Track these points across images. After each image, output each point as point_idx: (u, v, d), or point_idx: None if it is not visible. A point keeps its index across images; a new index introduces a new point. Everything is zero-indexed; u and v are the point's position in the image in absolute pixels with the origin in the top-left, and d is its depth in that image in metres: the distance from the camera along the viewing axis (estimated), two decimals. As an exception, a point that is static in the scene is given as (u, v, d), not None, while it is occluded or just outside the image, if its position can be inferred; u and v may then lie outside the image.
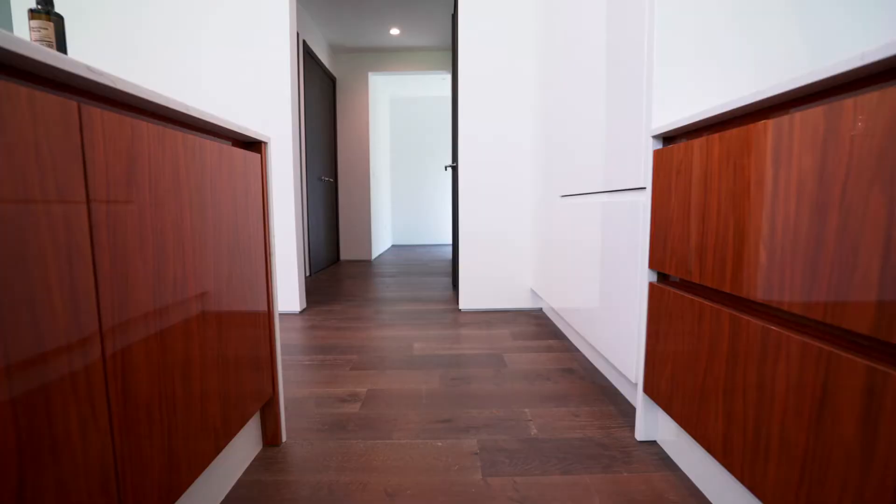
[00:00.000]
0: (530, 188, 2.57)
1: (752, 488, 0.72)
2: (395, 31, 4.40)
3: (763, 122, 0.70)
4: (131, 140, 0.62)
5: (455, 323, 2.33)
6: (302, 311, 2.60)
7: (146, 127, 0.65)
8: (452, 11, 3.29)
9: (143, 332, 0.64)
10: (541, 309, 2.60)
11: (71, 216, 0.51)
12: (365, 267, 4.49)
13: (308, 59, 3.90)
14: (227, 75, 2.39)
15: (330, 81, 4.71)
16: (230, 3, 2.35)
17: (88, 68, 0.54)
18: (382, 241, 5.87)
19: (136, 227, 0.62)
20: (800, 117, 0.62)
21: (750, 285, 0.72)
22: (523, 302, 2.63)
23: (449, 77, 5.56)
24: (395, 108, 6.52)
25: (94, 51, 2.36)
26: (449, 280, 3.66)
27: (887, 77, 0.53)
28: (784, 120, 0.65)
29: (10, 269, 0.44)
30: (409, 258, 5.17)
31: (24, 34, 2.23)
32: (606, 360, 1.55)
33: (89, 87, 0.57)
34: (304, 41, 3.76)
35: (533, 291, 2.62)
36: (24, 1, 2.33)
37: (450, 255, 5.40)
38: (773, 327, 0.68)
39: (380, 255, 5.47)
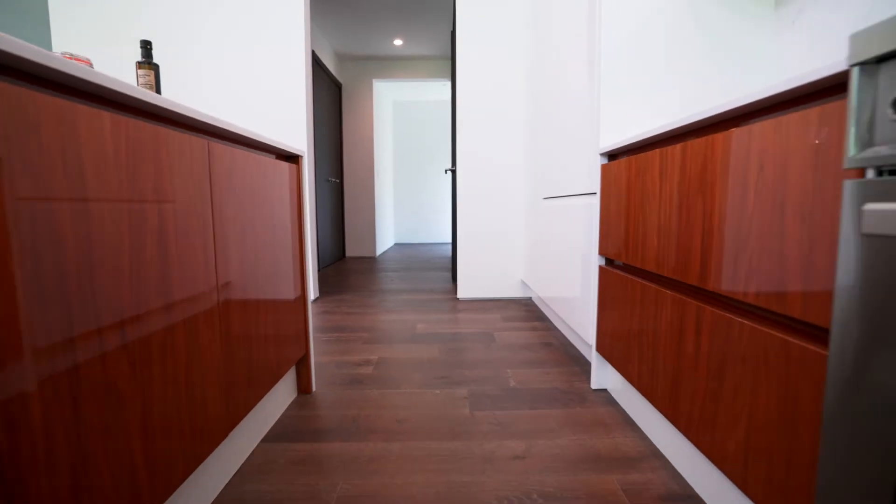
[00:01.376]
0: (522, 191, 2.89)
1: (652, 400, 1.04)
2: (398, 42, 4.72)
3: (656, 150, 1.01)
4: (231, 161, 0.94)
5: (453, 309, 2.65)
6: (315, 300, 2.92)
7: (240, 154, 0.97)
8: (451, 28, 3.61)
9: (239, 292, 0.96)
10: (530, 298, 2.92)
11: (206, 213, 0.83)
12: (370, 263, 4.81)
13: (316, 67, 4.22)
14: (252, 87, 2.70)
15: (336, 88, 5.03)
16: (252, 25, 2.66)
17: (213, 117, 0.86)
18: (386, 239, 6.19)
19: (232, 221, 0.94)
20: (669, 150, 0.94)
21: (647, 261, 1.04)
22: (515, 292, 2.95)
23: (448, 84, 5.88)
24: (397, 112, 6.84)
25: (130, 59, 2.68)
26: (448, 274, 3.98)
27: (699, 132, 0.85)
28: (666, 150, 0.97)
29: (185, 244, 0.76)
30: (411, 255, 5.49)
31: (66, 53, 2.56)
32: (576, 333, 1.86)
33: (207, 128, 0.89)
34: (312, 50, 4.08)
35: (523, 282, 2.94)
36: (63, 35, 2.65)
37: (449, 253, 5.72)
38: (660, 288, 1.00)
39: (383, 253, 5.79)
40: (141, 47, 1.15)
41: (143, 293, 0.65)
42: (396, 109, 6.84)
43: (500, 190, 2.89)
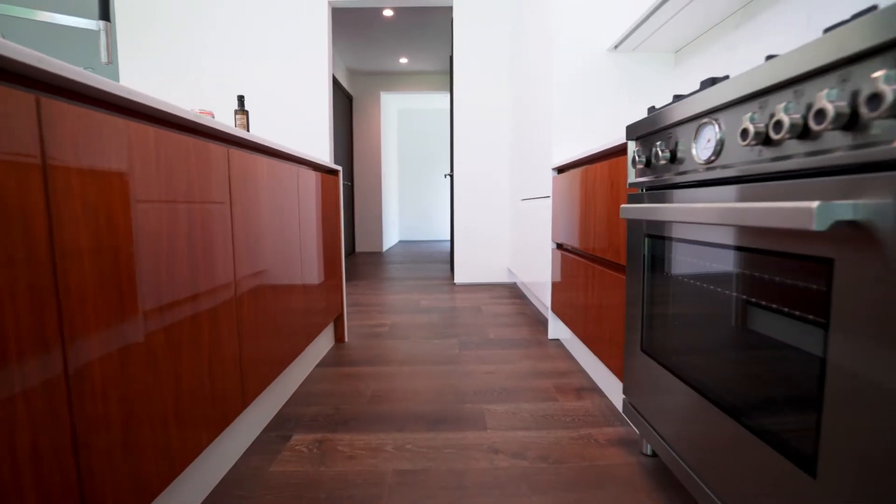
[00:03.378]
0: (507, 194, 3.43)
1: (574, 329, 1.58)
2: (403, 60, 5.27)
3: (579, 168, 1.56)
4: (297, 177, 1.49)
5: (451, 290, 3.19)
6: (336, 285, 3.47)
7: (303, 171, 1.52)
8: (450, 53, 4.15)
9: (298, 271, 1.51)
10: (514, 283, 3.47)
11: (294, 216, 1.38)
12: (377, 257, 5.36)
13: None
14: (287, 111, 3.25)
15: (348, 100, 5.58)
16: (287, 64, 3.21)
17: (273, 143, 1.40)
18: (391, 236, 6.74)
19: (305, 223, 1.50)
20: (582, 170, 1.48)
21: (576, 243, 1.59)
22: (502, 277, 3.50)
23: (447, 95, 6.42)
24: (402, 119, 7.39)
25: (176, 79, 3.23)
26: (447, 266, 4.53)
27: (593, 160, 1.39)
28: (580, 169, 1.51)
29: (209, 239, 1.31)
30: (414, 250, 6.05)
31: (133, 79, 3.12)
32: (541, 302, 2.41)
33: (264, 148, 1.44)
34: (330, 72, 4.63)
35: (509, 269, 3.48)
36: (130, 63, 3.21)
37: (448, 249, 6.26)
38: (580, 259, 1.54)
39: (389, 248, 6.34)
40: (237, 100, 1.70)
41: (233, 271, 1.20)
42: (401, 117, 7.39)
43: (490, 193, 3.43)
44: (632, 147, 1.03)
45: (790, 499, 0.56)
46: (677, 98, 0.91)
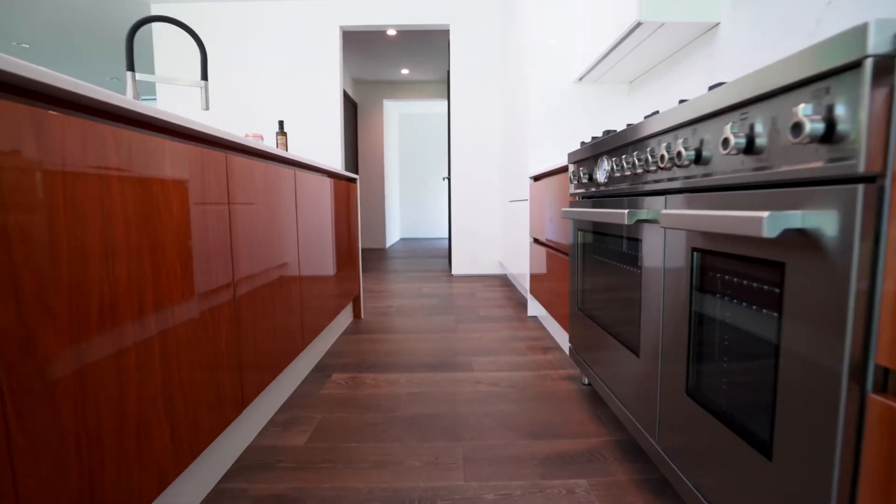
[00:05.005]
0: (498, 196, 3.88)
1: (542, 304, 2.03)
2: (404, 71, 5.71)
3: (546, 179, 2.01)
4: (330, 188, 1.94)
5: (448, 280, 3.65)
6: (346, 276, 3.92)
7: (334, 182, 1.97)
8: (447, 67, 4.59)
9: (328, 262, 1.96)
10: (505, 274, 3.92)
11: (327, 218, 1.83)
12: (380, 252, 5.81)
13: (340, 96, 5.21)
14: (305, 124, 3.69)
15: (353, 107, 6.02)
16: (301, 74, 3.65)
17: (316, 161, 1.85)
18: (393, 233, 7.19)
19: (333, 223, 1.94)
20: (546, 179, 1.93)
21: (545, 236, 2.04)
22: (494, 270, 3.95)
23: (445, 102, 6.86)
24: (403, 123, 7.83)
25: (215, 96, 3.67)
26: (446, 260, 4.97)
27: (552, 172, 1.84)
28: (546, 180, 1.96)
29: (280, 232, 1.76)
30: (415, 247, 6.49)
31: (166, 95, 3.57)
32: (523, 287, 2.86)
33: (310, 166, 1.88)
34: (338, 83, 5.07)
35: (500, 262, 3.93)
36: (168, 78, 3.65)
37: (447, 245, 6.71)
38: (548, 248, 1.99)
39: (391, 245, 6.79)
40: (278, 124, 2.14)
41: (297, 257, 1.65)
42: (402, 121, 7.83)
43: (484, 195, 3.88)
44: (571, 168, 1.47)
45: (669, 401, 1.01)
46: (607, 132, 1.36)
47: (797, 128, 0.50)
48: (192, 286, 0.85)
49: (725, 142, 0.63)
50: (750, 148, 0.61)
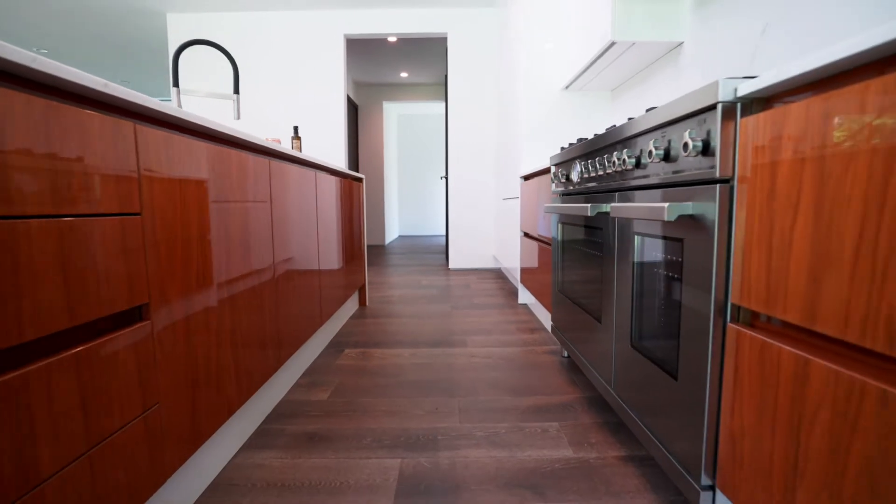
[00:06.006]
0: (493, 194, 4.11)
1: (530, 290, 2.27)
2: (404, 74, 5.93)
3: (533, 178, 2.24)
4: (339, 186, 2.17)
5: (446, 274, 3.88)
6: (349, 270, 4.15)
7: (343, 182, 2.20)
8: (445, 72, 4.81)
9: (338, 254, 2.19)
10: (499, 268, 4.16)
11: (335, 216, 2.06)
12: (380, 249, 6.04)
13: (342, 98, 5.43)
14: (310, 122, 3.91)
15: (354, 108, 6.23)
16: (308, 81, 3.87)
17: (330, 163, 2.08)
18: (392, 230, 7.41)
19: (345, 221, 2.17)
20: (535, 179, 2.16)
21: (532, 231, 2.28)
22: (488, 264, 4.19)
23: (443, 104, 7.08)
24: (401, 123, 8.05)
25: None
26: (443, 256, 5.21)
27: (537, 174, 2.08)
28: (533, 179, 2.19)
29: (307, 231, 1.99)
30: (413, 244, 6.72)
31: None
32: (515, 278, 3.09)
33: (324, 168, 2.11)
34: (340, 86, 5.29)
35: (494, 257, 4.17)
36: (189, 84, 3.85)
37: (444, 242, 6.94)
38: (537, 242, 2.23)
39: (390, 242, 7.01)
40: (293, 129, 2.37)
41: (317, 250, 1.87)
42: (401, 122, 8.05)
43: (479, 193, 4.11)
44: (553, 169, 1.71)
45: (621, 354, 1.25)
46: (580, 139, 1.60)
47: (685, 146, 0.74)
48: (251, 264, 1.08)
49: (650, 153, 0.87)
50: (667, 157, 0.85)
